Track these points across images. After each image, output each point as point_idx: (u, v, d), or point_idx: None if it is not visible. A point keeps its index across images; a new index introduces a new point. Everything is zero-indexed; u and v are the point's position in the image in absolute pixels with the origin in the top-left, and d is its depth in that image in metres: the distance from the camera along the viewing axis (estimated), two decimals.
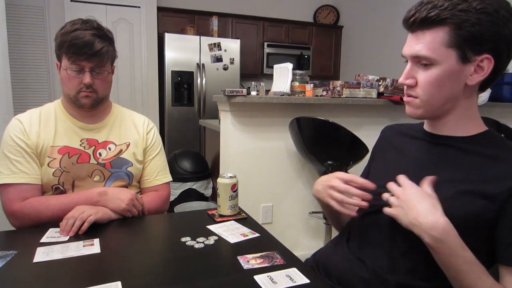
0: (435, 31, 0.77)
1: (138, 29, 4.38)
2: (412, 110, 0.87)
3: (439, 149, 0.89)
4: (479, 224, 0.78)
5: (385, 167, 0.99)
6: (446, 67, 0.78)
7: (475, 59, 0.77)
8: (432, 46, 0.78)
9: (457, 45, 0.76)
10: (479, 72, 0.79)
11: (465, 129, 0.86)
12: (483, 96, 2.60)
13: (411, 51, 0.81)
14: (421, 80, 0.81)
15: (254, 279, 0.79)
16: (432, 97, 0.82)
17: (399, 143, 1.00)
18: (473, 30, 0.74)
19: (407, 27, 0.83)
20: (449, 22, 0.75)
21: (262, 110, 2.36)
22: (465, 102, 0.84)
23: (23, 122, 1.22)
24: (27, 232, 1.11)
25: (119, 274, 0.81)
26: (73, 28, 1.16)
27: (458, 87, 0.80)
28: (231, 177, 1.19)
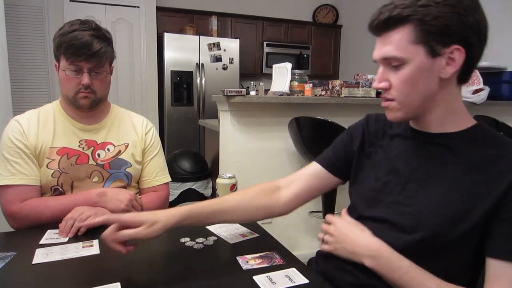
0: (399, 30, 0.76)
1: (137, 29, 4.38)
2: (392, 114, 0.85)
3: (428, 148, 0.86)
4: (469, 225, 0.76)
5: (374, 170, 0.95)
6: (417, 64, 0.77)
7: (444, 51, 0.76)
8: (399, 46, 0.77)
9: (423, 41, 0.75)
10: (451, 64, 0.77)
11: (452, 124, 0.83)
12: (482, 95, 2.60)
13: (380, 54, 0.81)
14: (394, 81, 0.80)
15: (253, 280, 0.79)
16: (409, 97, 0.80)
17: (387, 141, 0.96)
18: (437, 23, 0.73)
19: (372, 31, 0.82)
20: (412, 19, 0.75)
21: (261, 110, 2.36)
22: (445, 96, 0.81)
23: (22, 124, 1.22)
24: (26, 234, 1.11)
25: (119, 275, 0.81)
26: (72, 29, 1.16)
27: (433, 83, 0.79)
28: (230, 178, 1.19)
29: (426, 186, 0.83)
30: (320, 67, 5.64)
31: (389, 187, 0.89)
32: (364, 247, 0.84)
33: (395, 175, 0.89)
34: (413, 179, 0.85)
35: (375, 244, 0.83)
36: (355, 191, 1.00)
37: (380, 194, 0.90)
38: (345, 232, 0.88)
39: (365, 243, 0.84)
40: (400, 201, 0.86)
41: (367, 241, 0.84)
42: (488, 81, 2.73)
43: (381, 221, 0.87)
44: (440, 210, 0.78)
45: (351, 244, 0.86)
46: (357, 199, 0.98)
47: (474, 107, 2.65)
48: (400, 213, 0.84)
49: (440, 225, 0.78)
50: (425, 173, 0.84)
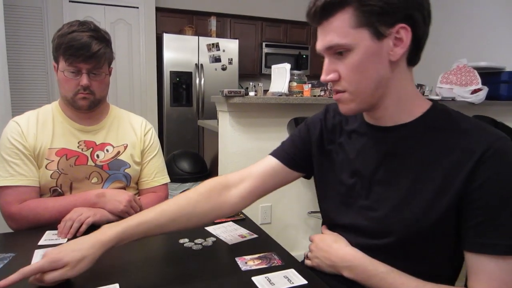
0: (339, 16, 0.72)
1: (136, 29, 4.38)
2: (345, 106, 0.79)
3: (386, 144, 0.82)
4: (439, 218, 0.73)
5: (337, 172, 0.91)
6: (363, 49, 0.72)
7: (389, 32, 0.71)
8: (341, 32, 0.72)
9: (366, 23, 0.70)
10: (399, 45, 0.72)
11: (407, 113, 0.79)
12: (480, 95, 2.61)
13: (322, 44, 0.76)
14: (343, 71, 0.75)
15: (252, 281, 0.79)
16: (360, 85, 0.75)
17: (344, 138, 0.91)
18: (378, 2, 0.69)
19: (311, 21, 0.77)
20: (351, 1, 0.70)
21: (261, 110, 2.36)
22: (397, 82, 0.76)
23: (21, 125, 1.22)
24: (25, 235, 1.11)
25: (117, 276, 0.81)
26: (70, 30, 1.16)
27: (383, 67, 0.74)
28: None
29: (390, 186, 0.80)
30: (319, 67, 5.57)
31: (355, 191, 0.86)
32: (340, 258, 0.84)
33: (359, 177, 0.86)
34: (377, 181, 0.82)
35: (349, 254, 0.83)
36: (323, 196, 0.98)
37: (348, 199, 0.88)
38: (322, 246, 0.90)
39: (340, 254, 0.85)
40: (368, 205, 0.83)
41: (341, 252, 0.85)
42: (487, 81, 2.73)
43: (352, 228, 0.86)
44: (407, 211, 0.76)
45: (328, 257, 0.87)
46: (326, 205, 0.97)
47: (473, 107, 2.65)
48: (369, 219, 0.82)
49: (409, 226, 0.76)
50: (387, 172, 0.81)
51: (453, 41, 3.79)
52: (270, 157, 1.00)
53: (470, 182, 0.70)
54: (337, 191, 0.91)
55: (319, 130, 0.97)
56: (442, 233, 0.75)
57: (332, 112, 0.97)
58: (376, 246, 0.81)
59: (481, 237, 0.69)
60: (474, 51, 3.54)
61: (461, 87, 2.68)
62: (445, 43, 3.86)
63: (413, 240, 0.77)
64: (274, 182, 0.99)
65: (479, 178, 0.69)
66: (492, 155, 0.68)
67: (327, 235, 0.92)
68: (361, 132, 0.87)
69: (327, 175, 0.95)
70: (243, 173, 0.98)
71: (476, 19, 3.54)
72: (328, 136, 0.95)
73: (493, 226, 0.68)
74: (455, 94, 2.66)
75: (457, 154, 0.72)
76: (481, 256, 0.69)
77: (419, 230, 0.75)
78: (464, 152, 0.71)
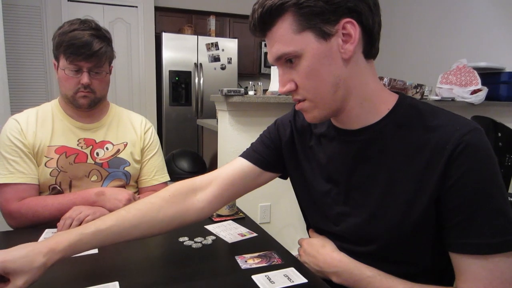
0: (280, 24, 0.69)
1: (135, 28, 4.38)
2: (310, 115, 0.76)
3: (356, 147, 0.79)
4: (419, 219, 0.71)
5: (310, 179, 0.89)
6: (311, 53, 0.69)
7: (335, 30, 0.68)
8: (285, 40, 0.69)
9: (308, 26, 0.67)
10: (348, 41, 0.69)
11: (372, 112, 0.76)
12: (480, 95, 2.61)
13: (271, 55, 0.73)
14: (298, 79, 0.72)
15: (252, 279, 0.79)
16: (317, 91, 0.72)
17: (314, 141, 0.88)
18: (314, 2, 0.66)
19: (255, 33, 0.75)
20: (287, 7, 0.67)
21: (260, 109, 2.36)
22: (357, 79, 0.73)
23: (20, 122, 1.22)
24: (25, 233, 1.10)
25: (117, 274, 0.81)
26: (72, 28, 1.16)
27: (337, 67, 0.70)
28: None
29: (366, 190, 0.78)
30: None
31: (331, 197, 0.84)
32: (327, 264, 0.83)
33: (334, 184, 0.84)
34: (352, 186, 0.80)
35: (336, 259, 0.82)
36: (301, 200, 0.97)
37: (324, 206, 0.86)
38: (309, 251, 0.88)
39: (327, 260, 0.83)
40: (347, 212, 0.81)
41: (328, 257, 0.83)
42: (486, 82, 2.73)
43: (334, 235, 0.86)
44: (386, 216, 0.74)
45: (316, 262, 0.85)
46: (306, 210, 0.96)
47: (472, 107, 2.66)
48: (350, 226, 0.81)
49: (390, 231, 0.74)
50: (361, 177, 0.78)
51: (452, 41, 3.80)
52: (239, 159, 0.95)
53: (443, 181, 0.67)
54: (313, 197, 0.89)
55: (289, 132, 0.94)
56: (424, 234, 0.73)
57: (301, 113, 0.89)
58: (360, 252, 0.80)
59: (461, 238, 0.67)
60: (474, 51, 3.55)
61: (461, 88, 2.68)
62: (445, 43, 3.86)
63: (396, 243, 0.75)
64: (244, 184, 0.94)
65: (452, 176, 0.66)
66: (463, 150, 0.65)
67: (314, 239, 0.90)
68: (330, 136, 0.84)
69: (301, 179, 0.92)
70: (211, 176, 0.93)
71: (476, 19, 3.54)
72: (298, 138, 0.92)
73: (472, 225, 0.66)
74: (455, 95, 2.67)
75: (428, 152, 0.69)
76: (464, 256, 0.67)
77: (400, 233, 0.73)
78: (435, 150, 0.68)
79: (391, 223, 0.74)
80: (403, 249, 0.76)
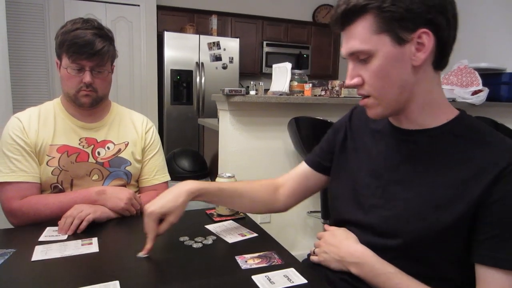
0: (360, 22, 0.73)
1: (137, 27, 4.38)
2: (372, 111, 0.81)
3: (407, 147, 0.82)
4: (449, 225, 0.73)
5: (355, 170, 0.93)
6: (384, 55, 0.73)
7: (411, 37, 0.71)
8: (362, 38, 0.73)
9: (386, 29, 0.71)
10: (421, 50, 0.72)
11: (433, 117, 0.79)
12: (481, 96, 2.61)
13: (346, 49, 0.77)
14: (366, 76, 0.76)
15: (252, 279, 0.79)
16: (384, 90, 0.76)
17: (369, 137, 0.93)
18: (397, 8, 0.69)
19: (334, 27, 0.79)
20: (370, 8, 0.71)
21: (261, 109, 2.36)
22: (422, 86, 0.76)
23: (22, 121, 1.22)
24: (26, 231, 1.11)
25: (118, 273, 0.81)
26: (74, 27, 1.16)
27: (406, 72, 0.74)
28: (229, 177, 1.19)
29: (405, 187, 0.80)
30: (319, 67, 5.64)
31: (370, 190, 0.87)
32: (348, 254, 0.85)
33: (376, 177, 0.87)
34: (393, 181, 0.83)
35: (359, 251, 0.84)
36: (335, 191, 0.99)
37: (361, 197, 0.89)
38: (332, 241, 0.90)
39: (349, 250, 0.85)
40: (381, 204, 0.83)
41: (352, 248, 0.85)
42: (487, 82, 2.73)
43: (362, 226, 0.87)
44: (419, 214, 0.76)
45: (337, 252, 0.87)
46: (337, 201, 0.97)
47: (473, 108, 2.65)
48: (380, 218, 0.83)
49: (419, 229, 0.76)
50: (404, 174, 0.81)
51: None
52: (302, 162, 1.08)
53: (487, 195, 0.70)
54: (351, 188, 0.92)
55: (343, 131, 1.00)
56: (450, 242, 0.74)
57: (358, 112, 0.99)
58: (384, 245, 0.81)
59: (493, 251, 0.69)
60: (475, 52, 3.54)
61: (462, 88, 2.68)
62: None
63: (419, 244, 0.76)
64: (307, 185, 1.07)
65: (497, 192, 0.69)
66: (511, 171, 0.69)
67: (337, 231, 0.92)
68: (384, 133, 0.89)
69: (344, 171, 0.96)
70: (286, 176, 1.09)
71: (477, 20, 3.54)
72: (351, 135, 0.97)
73: (507, 242, 0.69)
74: (456, 95, 2.66)
75: (477, 164, 0.72)
76: (492, 269, 0.69)
77: (426, 234, 0.75)
78: (484, 164, 0.71)
79: (420, 222, 0.76)
80: (425, 251, 0.77)
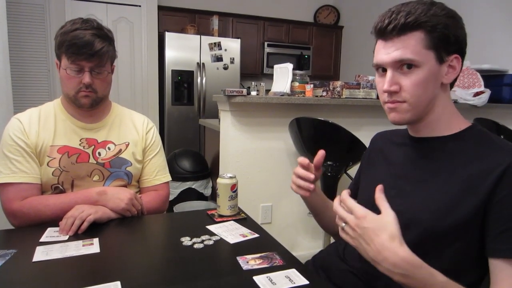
0: (412, 35, 0.80)
1: (138, 28, 4.38)
2: (400, 116, 0.86)
3: (424, 152, 0.90)
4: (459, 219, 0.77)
5: (376, 177, 1.00)
6: (428, 68, 0.81)
7: (448, 59, 0.83)
8: (415, 50, 0.80)
9: (433, 47, 0.80)
10: (451, 71, 0.84)
11: (447, 127, 0.87)
12: (483, 97, 2.60)
13: (392, 57, 0.82)
14: (407, 84, 0.82)
15: (254, 280, 0.79)
16: (419, 99, 0.83)
17: (388, 151, 1.02)
18: (445, 32, 0.80)
19: (382, 35, 0.85)
20: (425, 26, 0.79)
21: (262, 110, 2.36)
22: (442, 100, 0.87)
23: (23, 122, 1.22)
24: (27, 231, 1.11)
25: (119, 274, 0.81)
26: (73, 28, 1.16)
27: (437, 86, 0.84)
28: (231, 178, 1.19)
29: (417, 184, 0.87)
30: (320, 68, 5.64)
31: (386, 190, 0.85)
32: (390, 262, 0.71)
33: (392, 180, 0.92)
34: (409, 182, 0.89)
35: (406, 260, 0.70)
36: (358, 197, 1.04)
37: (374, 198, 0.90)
38: (371, 235, 0.73)
39: (394, 258, 0.70)
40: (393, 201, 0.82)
41: (391, 255, 0.71)
42: (489, 84, 2.73)
43: None
44: (428, 206, 0.81)
45: (376, 252, 0.72)
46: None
47: (475, 109, 2.65)
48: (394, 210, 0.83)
49: (429, 219, 0.80)
50: (418, 172, 0.88)
51: None
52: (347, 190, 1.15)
53: (497, 191, 0.74)
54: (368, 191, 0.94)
55: (369, 152, 1.10)
56: (460, 233, 0.78)
57: (380, 136, 1.10)
58: None
59: (507, 244, 0.73)
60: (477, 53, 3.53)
61: (464, 89, 2.68)
62: None
63: (431, 236, 0.80)
64: None
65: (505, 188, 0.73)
66: None
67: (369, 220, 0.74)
68: (404, 143, 0.97)
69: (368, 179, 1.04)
70: None
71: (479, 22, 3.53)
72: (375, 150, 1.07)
73: None
74: (458, 97, 2.66)
75: (485, 162, 0.77)
76: (506, 261, 0.72)
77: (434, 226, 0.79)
78: (493, 162, 0.76)
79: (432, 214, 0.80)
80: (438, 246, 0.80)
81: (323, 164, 1.05)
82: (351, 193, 1.07)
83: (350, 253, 0.98)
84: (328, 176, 2.19)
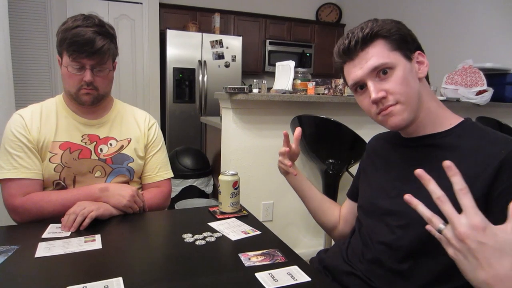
0: (374, 45, 0.85)
1: (140, 25, 4.37)
2: (399, 117, 0.85)
3: (420, 152, 0.90)
4: None
5: (376, 180, 1.00)
6: (402, 67, 0.85)
7: (413, 56, 0.88)
8: (382, 55, 0.85)
9: (397, 48, 0.85)
10: (421, 66, 0.88)
11: (438, 123, 0.88)
12: (485, 96, 2.60)
13: (367, 67, 0.85)
14: (391, 86, 0.84)
15: (255, 277, 0.78)
16: (409, 95, 0.85)
17: (385, 153, 1.02)
18: (400, 33, 0.86)
19: (347, 54, 0.89)
20: (380, 34, 0.85)
21: (264, 107, 2.35)
22: (425, 95, 0.89)
23: (25, 117, 1.22)
24: (29, 227, 1.11)
25: (121, 270, 0.81)
26: (75, 25, 1.15)
27: (417, 82, 0.87)
28: (232, 175, 1.19)
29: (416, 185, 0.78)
30: (322, 65, 5.63)
31: (385, 191, 0.94)
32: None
33: (392, 182, 0.93)
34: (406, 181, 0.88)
35: None
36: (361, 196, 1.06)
37: (375, 199, 0.95)
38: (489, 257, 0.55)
39: None
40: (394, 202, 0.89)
41: None
42: (492, 83, 2.72)
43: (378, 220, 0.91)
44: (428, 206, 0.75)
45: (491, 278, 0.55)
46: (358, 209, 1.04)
47: (477, 108, 2.64)
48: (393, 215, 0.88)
49: None
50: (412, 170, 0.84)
51: (458, 42, 3.78)
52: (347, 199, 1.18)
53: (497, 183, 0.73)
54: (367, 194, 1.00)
55: (366, 156, 1.11)
56: None
57: (375, 139, 1.11)
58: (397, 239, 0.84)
59: None
60: (480, 52, 3.53)
61: (466, 88, 2.67)
62: (451, 43, 3.84)
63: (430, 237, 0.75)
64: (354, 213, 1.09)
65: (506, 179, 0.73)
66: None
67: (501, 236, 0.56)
68: (398, 144, 0.98)
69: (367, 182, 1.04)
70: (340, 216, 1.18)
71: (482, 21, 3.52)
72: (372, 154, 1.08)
73: None
74: (460, 95, 2.65)
75: (482, 156, 0.77)
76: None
77: None
78: (490, 155, 0.76)
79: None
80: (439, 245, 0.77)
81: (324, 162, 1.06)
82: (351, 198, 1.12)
83: (352, 254, 0.98)
84: (330, 174, 2.19)
